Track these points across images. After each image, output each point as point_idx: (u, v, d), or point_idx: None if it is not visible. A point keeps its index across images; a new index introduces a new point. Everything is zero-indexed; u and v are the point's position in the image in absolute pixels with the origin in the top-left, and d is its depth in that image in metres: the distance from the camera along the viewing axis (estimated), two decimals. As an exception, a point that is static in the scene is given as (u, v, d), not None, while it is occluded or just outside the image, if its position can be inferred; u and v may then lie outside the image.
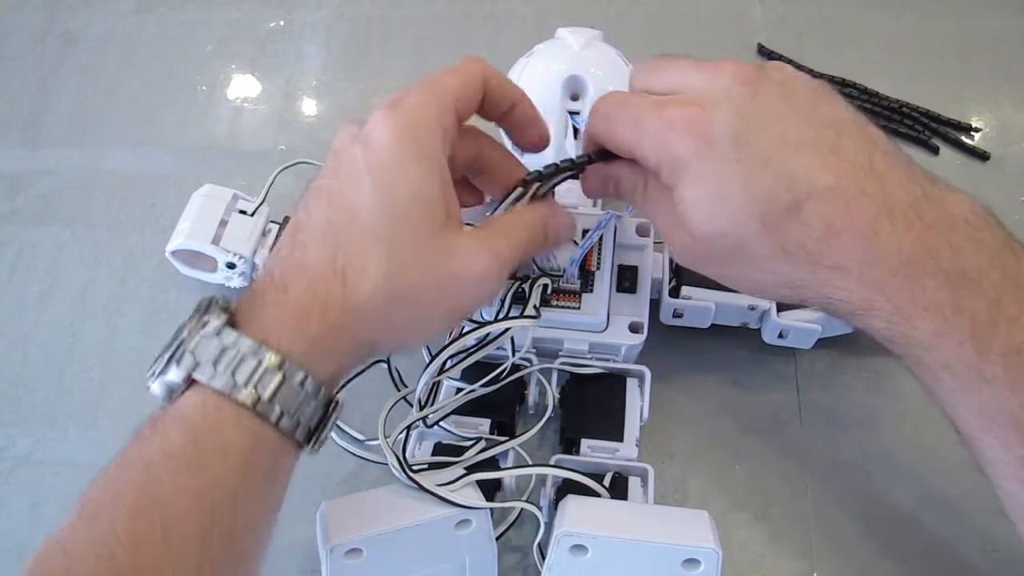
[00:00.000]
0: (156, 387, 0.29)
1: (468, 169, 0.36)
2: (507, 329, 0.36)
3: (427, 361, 0.36)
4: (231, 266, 0.46)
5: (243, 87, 0.59)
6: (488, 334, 0.36)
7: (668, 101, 0.31)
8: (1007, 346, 0.28)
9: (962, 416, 0.30)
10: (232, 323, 0.29)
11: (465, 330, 0.36)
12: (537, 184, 0.35)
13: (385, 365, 0.41)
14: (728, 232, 0.30)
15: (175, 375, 0.28)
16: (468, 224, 0.39)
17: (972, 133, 0.53)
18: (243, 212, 0.46)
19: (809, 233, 0.29)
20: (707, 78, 0.31)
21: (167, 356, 0.28)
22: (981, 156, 0.52)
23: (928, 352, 0.29)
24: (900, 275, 0.28)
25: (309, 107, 0.58)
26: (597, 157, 0.35)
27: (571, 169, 0.35)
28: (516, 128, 0.36)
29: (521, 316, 0.36)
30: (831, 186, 0.28)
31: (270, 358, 0.28)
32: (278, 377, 0.28)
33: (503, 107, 0.35)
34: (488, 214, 0.37)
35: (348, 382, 0.41)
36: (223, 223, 0.45)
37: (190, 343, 0.28)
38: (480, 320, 0.37)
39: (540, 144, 0.37)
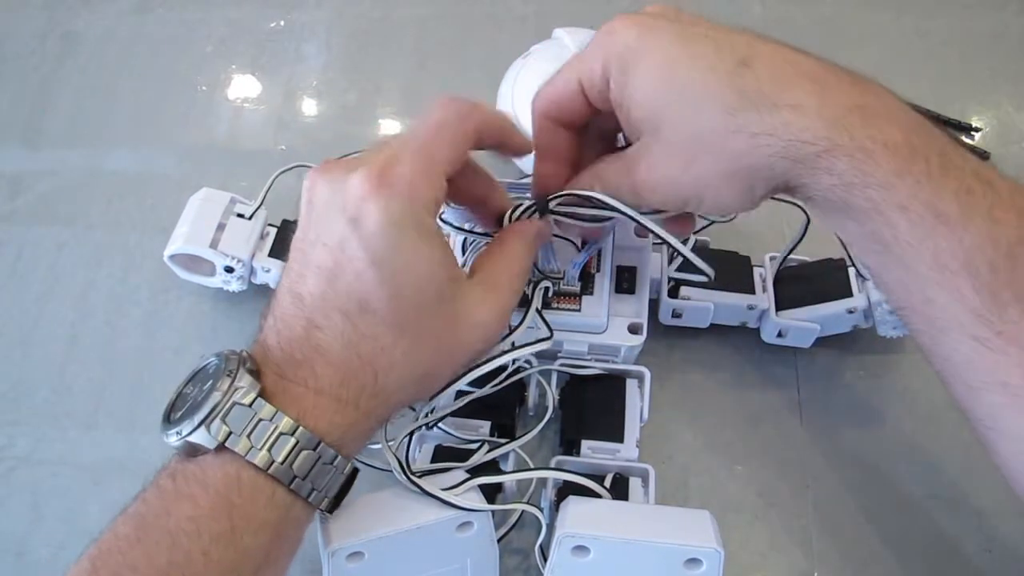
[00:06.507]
0: (177, 443, 0.29)
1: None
2: (514, 351, 0.36)
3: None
4: (229, 270, 0.46)
5: (243, 87, 0.59)
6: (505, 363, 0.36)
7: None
8: (960, 186, 0.28)
9: (914, 270, 0.29)
10: (262, 391, 0.29)
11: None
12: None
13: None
14: (686, 92, 0.30)
15: (205, 440, 0.28)
16: (445, 222, 0.39)
17: (972, 133, 0.53)
18: (241, 215, 0.46)
19: (760, 81, 0.30)
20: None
21: (197, 419, 0.28)
22: (981, 156, 0.52)
23: (887, 191, 0.29)
24: (856, 114, 0.29)
25: (309, 107, 0.58)
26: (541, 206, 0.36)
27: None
28: (503, 147, 0.36)
29: (537, 340, 0.37)
30: (770, 51, 0.31)
31: (307, 438, 0.29)
32: (313, 456, 0.29)
33: (491, 143, 0.35)
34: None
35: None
36: (221, 227, 0.45)
37: (222, 409, 0.28)
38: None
39: (525, 151, 0.37)
